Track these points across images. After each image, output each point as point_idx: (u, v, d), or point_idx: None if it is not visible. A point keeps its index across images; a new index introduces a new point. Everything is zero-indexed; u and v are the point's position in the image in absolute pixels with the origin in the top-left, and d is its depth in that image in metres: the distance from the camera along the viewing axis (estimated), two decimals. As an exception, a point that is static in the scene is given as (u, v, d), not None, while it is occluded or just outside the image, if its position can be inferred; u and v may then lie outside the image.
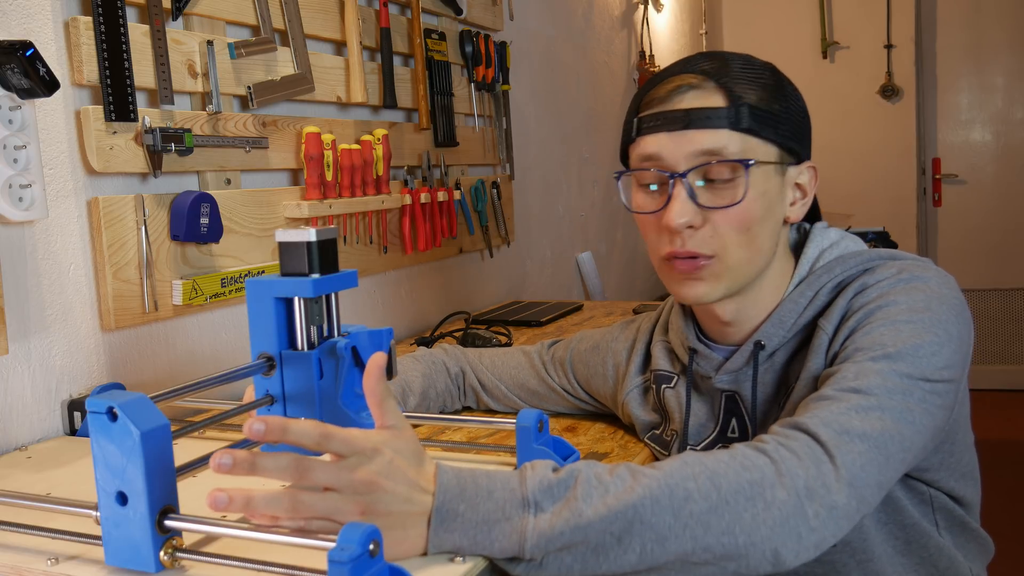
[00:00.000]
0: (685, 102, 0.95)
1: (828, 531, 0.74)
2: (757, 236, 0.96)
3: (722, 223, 0.95)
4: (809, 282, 1.00)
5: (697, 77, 0.95)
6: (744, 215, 0.94)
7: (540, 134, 2.74)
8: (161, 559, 0.69)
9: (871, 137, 4.61)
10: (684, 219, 0.94)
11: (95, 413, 0.68)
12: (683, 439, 1.07)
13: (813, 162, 1.03)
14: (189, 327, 1.42)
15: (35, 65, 1.05)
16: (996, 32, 4.55)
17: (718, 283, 0.97)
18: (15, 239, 1.16)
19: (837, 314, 0.94)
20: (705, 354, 1.06)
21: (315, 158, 1.61)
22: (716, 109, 0.93)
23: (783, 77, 1.00)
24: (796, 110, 0.99)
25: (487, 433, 1.19)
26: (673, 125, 0.94)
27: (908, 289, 0.92)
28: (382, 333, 0.89)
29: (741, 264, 0.97)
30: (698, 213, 0.95)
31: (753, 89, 0.95)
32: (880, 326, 0.88)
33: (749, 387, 1.02)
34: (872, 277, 0.95)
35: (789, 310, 0.99)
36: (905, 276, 0.93)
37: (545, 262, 2.78)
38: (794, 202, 1.01)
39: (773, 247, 1.00)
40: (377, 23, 1.85)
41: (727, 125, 0.93)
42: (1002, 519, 2.88)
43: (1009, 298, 4.66)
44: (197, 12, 1.40)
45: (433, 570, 0.71)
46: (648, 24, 3.68)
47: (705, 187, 0.95)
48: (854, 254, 1.00)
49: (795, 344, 1.00)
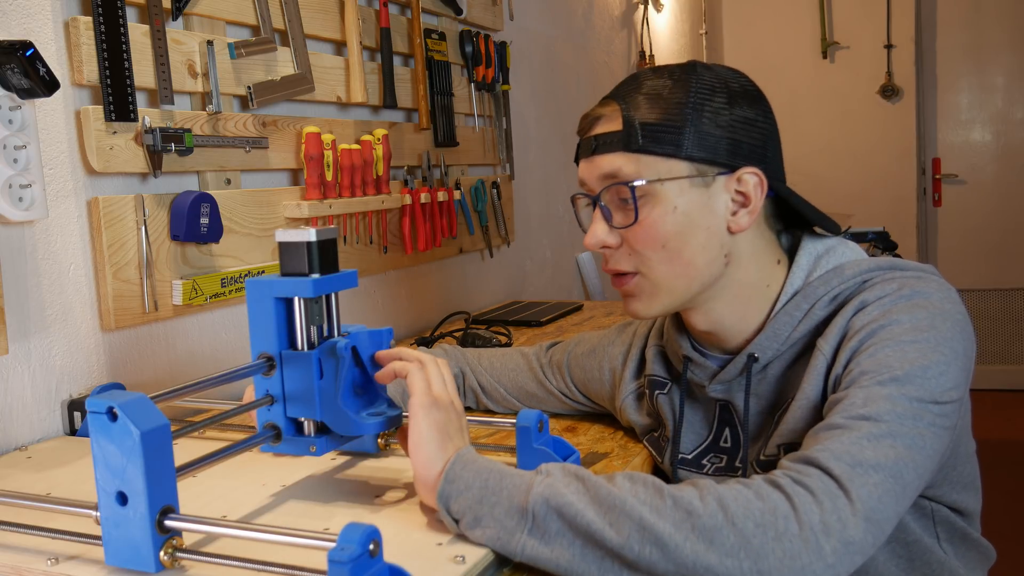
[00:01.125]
0: (595, 129, 1.00)
1: (844, 567, 0.73)
2: (680, 251, 0.96)
3: (634, 242, 0.97)
4: (805, 294, 0.97)
5: (607, 105, 0.99)
6: (652, 232, 0.96)
7: (540, 134, 2.74)
8: (161, 559, 0.69)
9: (871, 137, 4.61)
10: (594, 240, 0.99)
11: (95, 413, 0.68)
12: (674, 447, 1.06)
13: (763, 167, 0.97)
14: (189, 327, 1.42)
15: (35, 65, 1.05)
16: (996, 32, 4.55)
17: (652, 299, 0.99)
18: (15, 239, 1.16)
19: (836, 334, 0.92)
20: (699, 362, 1.05)
21: (315, 158, 1.61)
22: (613, 133, 0.97)
23: (714, 88, 0.96)
24: (721, 120, 0.95)
25: (487, 433, 1.19)
26: (586, 152, 1.00)
27: (910, 307, 0.89)
28: (382, 333, 0.89)
29: (669, 279, 0.97)
30: (611, 233, 0.98)
31: (653, 107, 0.95)
32: (885, 347, 0.87)
33: (742, 398, 1.01)
34: (872, 293, 0.92)
35: (784, 323, 0.98)
36: (906, 292, 0.91)
37: (545, 262, 2.78)
38: (735, 212, 0.97)
39: (714, 259, 0.97)
40: (377, 23, 1.85)
41: (620, 148, 0.96)
42: (1002, 520, 2.88)
43: (1009, 298, 4.66)
44: (197, 12, 1.40)
45: (433, 570, 0.71)
46: (648, 24, 3.68)
47: (619, 208, 0.98)
48: (852, 263, 0.98)
49: (790, 356, 0.98)
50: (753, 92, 0.99)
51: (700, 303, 1.00)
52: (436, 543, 0.76)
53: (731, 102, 0.96)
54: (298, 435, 0.87)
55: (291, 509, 0.87)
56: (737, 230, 0.97)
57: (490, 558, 0.75)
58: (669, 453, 1.07)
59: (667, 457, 1.08)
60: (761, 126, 0.98)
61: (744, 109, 0.97)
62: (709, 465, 1.05)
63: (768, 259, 1.01)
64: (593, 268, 3.06)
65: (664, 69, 0.99)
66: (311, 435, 0.87)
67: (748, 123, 0.97)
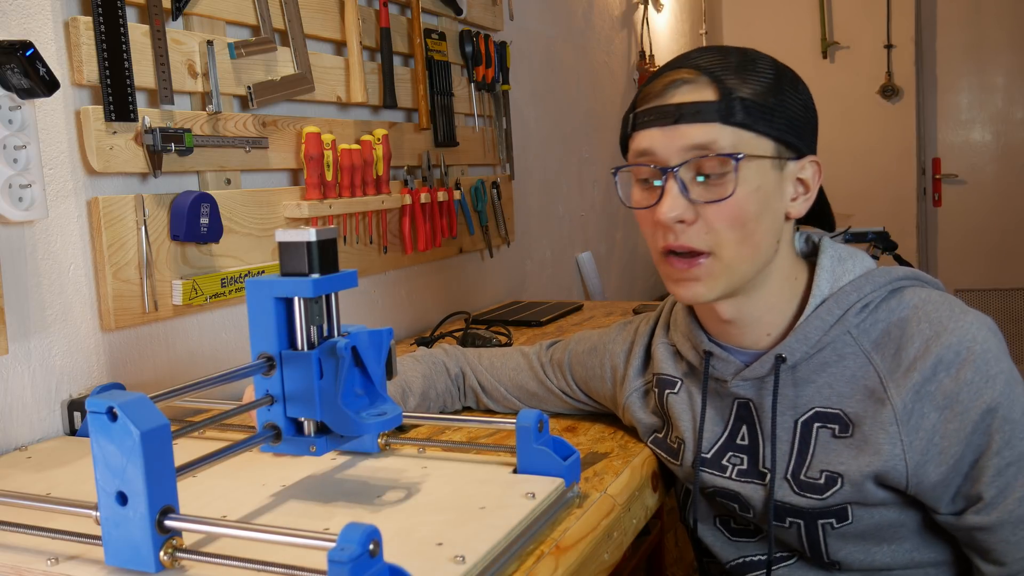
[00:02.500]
0: (677, 96, 0.94)
1: None
2: (753, 232, 0.95)
3: (715, 218, 0.93)
4: (838, 299, 0.98)
5: (691, 72, 0.95)
6: (737, 210, 0.93)
7: (540, 134, 2.74)
8: (161, 559, 0.69)
9: (871, 137, 4.61)
10: (674, 213, 0.93)
11: (95, 413, 0.68)
12: (697, 447, 1.05)
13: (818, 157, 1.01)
14: (189, 327, 1.42)
15: (35, 65, 1.05)
16: (996, 32, 4.55)
17: (715, 282, 0.96)
18: (15, 239, 1.16)
19: (909, 392, 0.93)
20: (722, 357, 1.04)
21: (315, 158, 1.61)
22: (707, 103, 0.92)
23: (785, 71, 0.98)
24: (797, 104, 0.97)
25: (487, 433, 1.19)
26: (665, 120, 0.94)
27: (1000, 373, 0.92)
28: (382, 333, 0.89)
29: (739, 261, 0.95)
30: (689, 208, 0.94)
31: (747, 83, 0.94)
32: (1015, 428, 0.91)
33: (768, 399, 1.00)
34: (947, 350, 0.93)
35: (816, 327, 0.98)
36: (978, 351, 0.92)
37: (545, 262, 2.78)
38: (795, 197, 0.99)
39: (773, 244, 0.98)
40: (377, 23, 1.85)
41: (718, 119, 0.92)
42: (1002, 519, 2.87)
43: (1009, 298, 4.66)
44: (197, 12, 1.40)
45: (433, 570, 0.71)
46: (648, 24, 3.68)
47: (698, 182, 0.94)
48: (879, 271, 0.99)
49: (818, 361, 0.99)
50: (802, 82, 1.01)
51: (743, 290, 0.99)
52: (436, 543, 0.76)
53: (799, 89, 0.98)
54: (298, 435, 0.87)
55: (291, 509, 0.87)
56: (794, 216, 0.99)
57: (490, 558, 0.75)
58: (689, 454, 1.06)
59: (685, 458, 1.07)
60: (814, 116, 1.00)
61: (807, 97, 0.99)
62: (731, 467, 1.04)
63: (794, 250, 1.03)
64: (593, 268, 3.06)
65: (738, 49, 0.98)
66: (311, 435, 0.87)
67: (811, 111, 0.99)
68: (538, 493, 0.87)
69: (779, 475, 0.99)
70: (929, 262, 4.70)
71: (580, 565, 0.83)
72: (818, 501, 0.96)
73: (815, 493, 0.96)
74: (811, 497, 0.96)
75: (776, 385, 0.99)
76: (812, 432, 0.98)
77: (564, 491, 0.91)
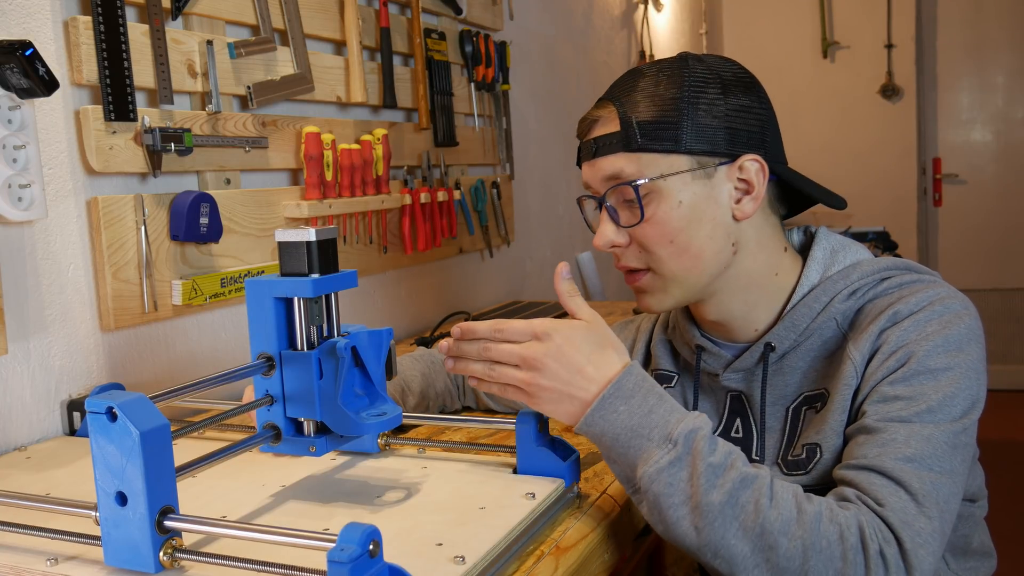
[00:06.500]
0: (593, 132, 1.01)
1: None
2: (688, 244, 0.97)
3: (642, 239, 0.98)
4: (824, 288, 0.99)
5: (603, 106, 1.00)
6: (660, 228, 0.97)
7: (540, 134, 2.74)
8: (161, 559, 0.69)
9: (871, 137, 4.61)
10: (604, 241, 1.00)
11: (95, 413, 0.68)
12: None
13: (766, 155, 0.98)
14: (189, 327, 1.42)
15: (34, 65, 1.05)
16: (996, 31, 4.55)
17: (664, 294, 1.01)
18: (14, 239, 1.16)
19: (867, 343, 0.93)
20: (712, 351, 1.05)
21: (315, 158, 1.61)
22: (612, 135, 0.98)
23: (698, 81, 0.96)
24: (716, 111, 0.95)
25: (487, 433, 1.19)
26: (588, 155, 1.01)
27: (943, 324, 0.91)
28: (382, 333, 0.89)
29: (682, 273, 0.99)
30: (620, 233, 0.99)
31: (642, 106, 0.96)
32: (920, 378, 0.89)
33: (759, 389, 1.01)
34: (904, 305, 0.93)
35: (803, 314, 0.99)
36: (938, 308, 0.92)
37: (545, 262, 2.78)
38: (739, 199, 0.98)
39: (724, 248, 0.98)
40: (377, 23, 1.85)
41: (620, 148, 0.97)
42: (1003, 520, 2.88)
43: (1009, 298, 4.66)
44: (197, 12, 1.40)
45: (433, 570, 0.71)
46: (648, 24, 3.68)
47: (626, 207, 0.99)
48: (869, 261, 1.00)
49: (806, 348, 0.99)
50: (746, 79, 1.00)
51: (711, 294, 1.01)
52: (436, 543, 0.76)
53: (725, 91, 0.97)
54: (298, 435, 0.87)
55: (291, 509, 0.87)
56: (742, 217, 0.99)
57: (490, 558, 0.75)
58: None
59: None
60: (757, 112, 0.99)
61: (739, 97, 0.98)
62: None
63: (775, 246, 1.02)
64: (593, 268, 3.06)
65: (655, 65, 1.00)
66: (311, 435, 0.87)
67: (744, 110, 0.98)
68: (538, 493, 0.86)
69: (769, 461, 1.00)
70: (929, 262, 4.70)
71: (580, 565, 0.82)
72: (804, 476, 0.96)
73: (800, 470, 0.96)
74: (798, 475, 0.97)
75: (765, 375, 1.00)
76: (800, 415, 0.99)
77: (564, 491, 0.91)
